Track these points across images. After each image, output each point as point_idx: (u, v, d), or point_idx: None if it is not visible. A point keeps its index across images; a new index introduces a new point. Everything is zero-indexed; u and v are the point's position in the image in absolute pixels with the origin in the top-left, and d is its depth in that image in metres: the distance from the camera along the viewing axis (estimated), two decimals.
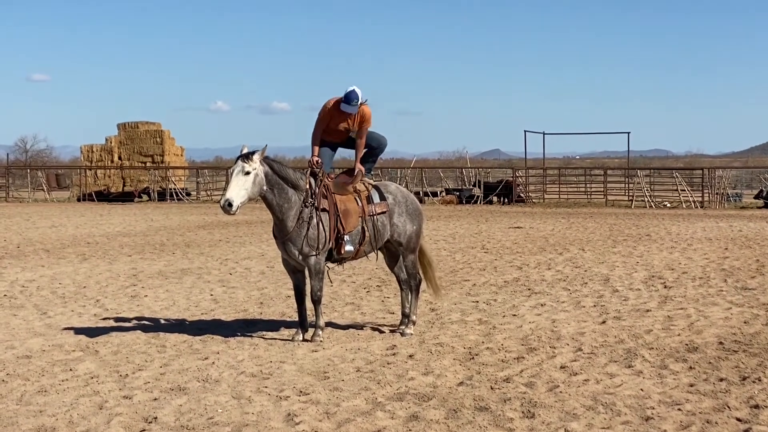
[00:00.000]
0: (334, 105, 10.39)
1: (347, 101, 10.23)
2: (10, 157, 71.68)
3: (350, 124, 10.51)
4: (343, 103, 10.25)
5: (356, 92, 10.20)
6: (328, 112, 10.44)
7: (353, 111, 10.31)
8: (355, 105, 10.24)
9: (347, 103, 10.23)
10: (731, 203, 42.93)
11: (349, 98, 10.21)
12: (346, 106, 10.26)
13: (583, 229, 26.97)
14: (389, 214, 10.51)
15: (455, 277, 15.45)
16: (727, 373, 8.57)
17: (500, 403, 7.61)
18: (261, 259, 18.48)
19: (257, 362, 9.06)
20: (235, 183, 9.55)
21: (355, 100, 10.20)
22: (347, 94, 10.21)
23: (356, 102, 10.22)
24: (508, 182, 45.42)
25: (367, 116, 10.48)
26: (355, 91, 10.20)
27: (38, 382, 8.30)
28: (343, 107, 10.29)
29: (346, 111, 10.31)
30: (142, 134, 55.34)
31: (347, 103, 10.24)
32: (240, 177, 9.57)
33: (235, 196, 9.49)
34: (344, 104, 10.26)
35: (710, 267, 16.76)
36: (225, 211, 9.51)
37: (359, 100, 10.23)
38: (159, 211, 38.28)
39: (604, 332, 10.57)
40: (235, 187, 9.54)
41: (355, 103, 10.23)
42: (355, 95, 10.19)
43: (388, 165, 62.14)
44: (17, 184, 59.45)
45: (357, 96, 10.20)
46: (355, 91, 10.20)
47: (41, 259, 18.60)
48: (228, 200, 9.45)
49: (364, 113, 10.44)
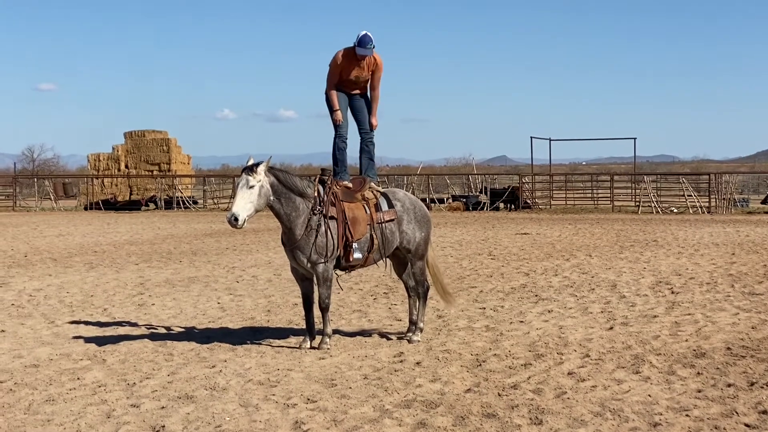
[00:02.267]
0: (345, 54, 10.62)
1: (362, 44, 10.46)
2: (17, 166, 71.81)
3: (362, 72, 10.71)
4: (358, 47, 10.47)
5: (369, 36, 10.48)
6: (340, 64, 10.65)
7: (368, 53, 10.50)
8: (370, 47, 10.48)
9: (362, 46, 10.46)
10: (738, 208, 42.84)
11: (363, 41, 10.46)
12: (362, 49, 10.47)
13: (590, 235, 26.94)
14: (398, 221, 10.52)
15: (462, 284, 15.44)
16: (735, 379, 8.55)
17: (508, 409, 7.60)
18: (268, 267, 18.49)
19: (265, 370, 9.07)
20: (240, 197, 9.62)
21: (370, 43, 10.50)
22: (361, 38, 10.48)
23: (371, 45, 10.48)
24: (514, 188, 45.39)
25: (380, 62, 10.74)
26: (368, 34, 10.48)
27: (46, 391, 8.31)
28: (358, 51, 10.48)
29: (361, 54, 10.49)
30: (149, 142, 55.38)
31: (362, 47, 10.46)
32: (245, 191, 9.62)
33: (241, 210, 9.54)
34: (359, 48, 10.47)
35: (717, 272, 16.73)
36: (231, 225, 9.58)
37: (372, 42, 10.43)
38: (166, 219, 38.32)
39: (611, 338, 10.56)
40: (240, 201, 9.59)
41: (370, 46, 10.48)
42: (369, 38, 10.49)
43: (395, 172, 62.21)
44: (24, 193, 59.54)
45: (370, 39, 10.50)
46: (368, 35, 10.48)
47: (49, 268, 18.63)
48: (233, 215, 9.50)
49: (377, 59, 10.69)
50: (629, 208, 43.43)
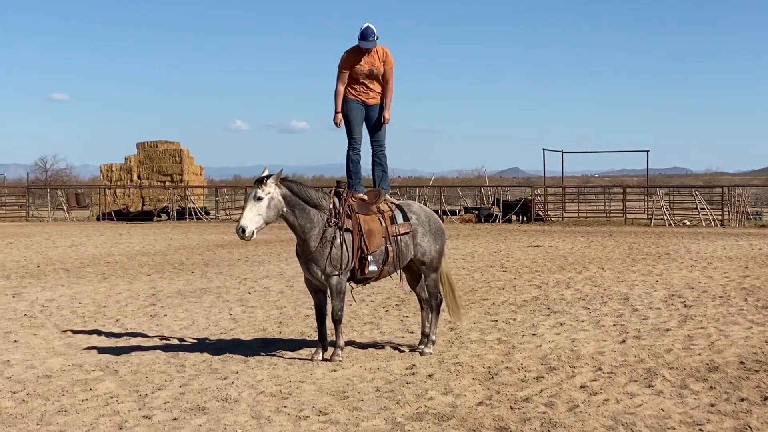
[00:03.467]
0: (351, 50, 10.66)
1: (364, 37, 10.50)
2: (30, 176, 72.07)
3: (373, 64, 10.71)
4: (361, 40, 10.51)
5: (371, 27, 10.50)
6: (347, 59, 10.72)
7: (372, 45, 10.53)
8: (372, 40, 10.50)
9: (365, 39, 10.50)
10: (751, 221, 42.74)
11: (365, 34, 10.50)
12: (365, 42, 10.52)
13: (603, 247, 26.90)
14: (413, 234, 10.52)
15: (474, 296, 15.42)
16: (749, 393, 8.52)
17: (520, 423, 7.58)
18: (280, 278, 18.50)
19: (276, 382, 9.07)
20: (249, 209, 9.66)
21: (372, 35, 10.51)
22: (363, 31, 10.52)
23: (373, 37, 10.50)
24: (526, 201, 45.35)
25: (388, 53, 10.75)
26: (370, 26, 10.52)
27: (58, 402, 8.32)
28: (361, 44, 10.54)
29: (365, 47, 10.53)
30: (162, 153, 55.52)
31: (365, 40, 10.50)
32: (253, 203, 9.67)
33: (249, 222, 9.58)
34: (362, 41, 10.52)
35: (730, 286, 16.68)
36: (240, 237, 9.64)
37: (375, 34, 10.43)
38: (178, 230, 38.40)
39: (624, 351, 10.53)
40: (249, 213, 9.63)
41: (372, 38, 10.49)
42: (371, 30, 10.52)
43: (407, 184, 62.22)
44: (37, 203, 59.79)
45: (373, 31, 10.53)
46: (370, 27, 10.52)
47: (61, 278, 18.68)
48: (241, 227, 9.55)
49: (385, 51, 10.72)
50: (642, 220, 43.36)
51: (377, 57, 10.69)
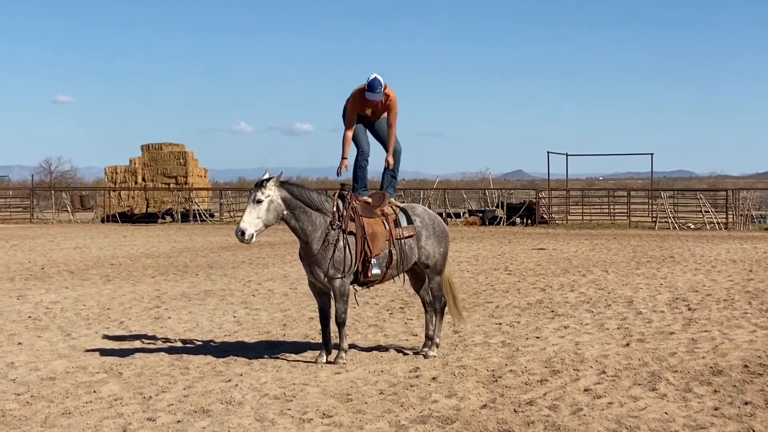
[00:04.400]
0: (360, 93, 10.61)
1: (371, 89, 10.46)
2: (34, 178, 72.08)
3: (377, 109, 10.73)
4: (368, 92, 10.48)
5: (379, 79, 10.46)
6: (355, 103, 10.67)
7: (379, 98, 10.51)
8: (379, 92, 10.47)
9: (371, 91, 10.46)
10: (756, 225, 42.68)
11: (372, 86, 10.46)
12: (371, 94, 10.48)
13: (607, 250, 26.88)
14: (416, 237, 10.53)
15: (478, 299, 15.42)
16: (753, 397, 8.51)
17: (523, 426, 7.58)
18: (284, 280, 18.51)
19: (280, 384, 9.07)
20: (248, 212, 9.71)
21: (379, 87, 10.47)
22: (370, 83, 10.46)
23: (380, 89, 10.47)
24: (531, 203, 45.33)
25: (394, 99, 10.68)
26: (378, 78, 10.46)
27: (62, 404, 8.33)
28: (368, 96, 10.51)
29: (371, 98, 10.51)
30: (166, 155, 55.57)
31: (371, 91, 10.47)
32: (252, 205, 9.71)
33: (248, 225, 9.62)
34: (369, 93, 10.49)
35: (735, 289, 16.67)
36: (240, 241, 9.69)
37: (382, 86, 10.42)
38: (182, 232, 38.41)
39: (627, 355, 10.52)
40: (248, 216, 9.68)
41: (379, 90, 10.47)
42: (378, 82, 10.46)
43: (411, 186, 62.25)
44: (42, 205, 59.82)
45: (380, 83, 10.47)
46: (377, 79, 10.46)
47: (65, 280, 18.70)
48: (240, 230, 9.59)
49: (390, 96, 10.65)
50: (646, 223, 43.33)
51: (382, 105, 10.67)
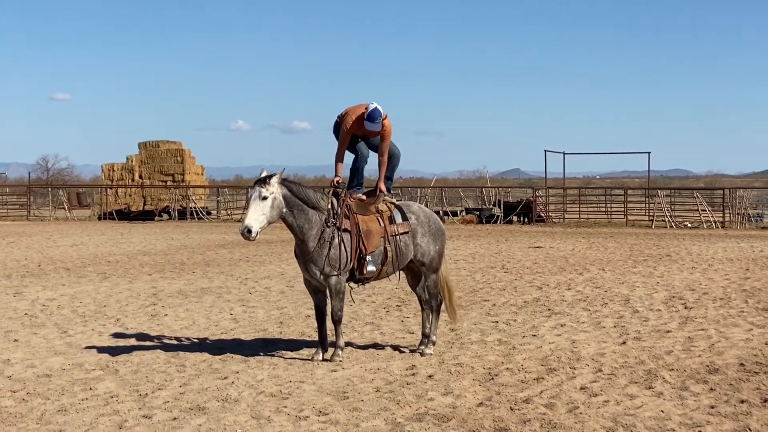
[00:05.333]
0: (358, 120, 10.45)
1: (371, 119, 10.33)
2: (31, 175, 71.99)
3: (372, 135, 10.63)
4: (367, 121, 10.34)
5: (379, 110, 10.32)
6: (352, 128, 10.51)
7: (377, 128, 10.40)
8: (378, 122, 10.35)
9: (371, 121, 10.34)
10: (752, 223, 42.69)
11: (372, 117, 10.31)
12: (371, 125, 10.36)
13: (604, 249, 26.89)
14: (412, 234, 10.52)
15: (475, 297, 15.42)
16: (749, 395, 8.52)
17: (520, 424, 7.59)
18: (281, 278, 18.50)
19: (277, 382, 9.07)
20: (253, 209, 9.62)
21: (379, 118, 10.33)
22: (371, 113, 10.29)
23: (379, 120, 10.34)
24: (528, 202, 45.34)
25: (388, 131, 10.55)
26: (378, 109, 10.32)
27: (58, 401, 8.33)
28: (367, 126, 10.38)
29: (370, 129, 10.40)
30: (163, 153, 55.51)
31: (371, 122, 10.34)
32: (258, 202, 9.63)
33: (254, 222, 9.55)
34: (368, 122, 10.35)
35: (731, 288, 16.68)
36: (245, 238, 9.59)
37: (382, 117, 10.32)
38: (179, 229, 38.39)
39: (624, 353, 10.53)
40: (254, 213, 9.60)
41: (378, 121, 10.34)
42: (379, 113, 10.31)
43: (408, 184, 62.19)
44: (39, 202, 59.73)
45: (380, 113, 10.32)
46: (378, 109, 10.31)
47: (62, 277, 18.68)
48: (247, 227, 9.51)
49: (386, 128, 10.51)
50: (643, 222, 43.33)
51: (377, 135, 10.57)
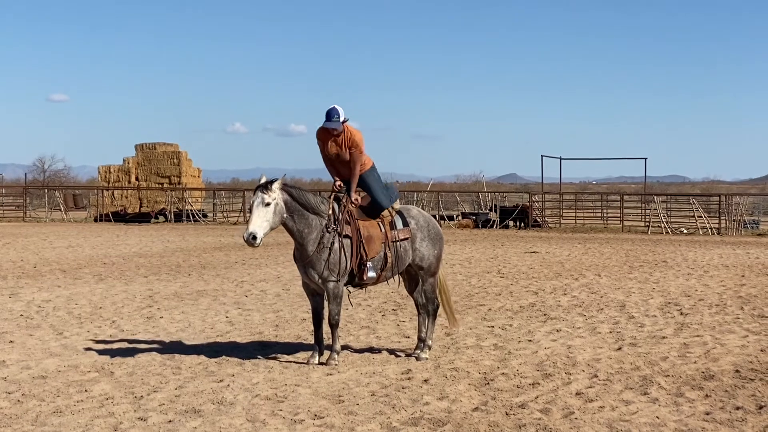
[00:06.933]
0: (320, 129, 10.40)
1: (328, 118, 10.22)
2: (27, 176, 71.97)
3: (339, 148, 10.38)
4: (326, 121, 10.24)
5: (336, 108, 10.22)
6: (319, 139, 10.48)
7: (336, 126, 10.20)
8: (336, 120, 10.19)
9: (328, 119, 10.22)
10: (748, 230, 42.74)
11: (329, 114, 10.21)
12: (328, 123, 10.22)
13: (599, 254, 26.91)
14: (411, 239, 10.52)
15: (471, 302, 15.42)
16: (744, 402, 8.53)
17: (515, 429, 7.59)
18: (277, 281, 18.50)
19: (272, 385, 9.07)
20: (257, 215, 9.60)
21: (336, 116, 10.17)
22: (328, 111, 10.23)
23: (337, 117, 10.19)
24: (524, 207, 45.35)
25: (356, 137, 10.33)
26: (336, 107, 10.22)
27: (53, 403, 8.32)
28: (325, 124, 10.26)
29: (329, 127, 10.24)
30: (160, 155, 55.45)
31: (328, 119, 10.22)
32: (261, 209, 9.62)
33: (258, 228, 9.54)
34: (326, 122, 10.24)
35: (727, 294, 16.69)
36: (249, 245, 9.54)
37: (340, 116, 10.20)
38: (175, 232, 38.36)
39: (619, 359, 10.53)
40: (258, 219, 9.58)
41: (336, 119, 10.19)
42: (336, 111, 10.19)
43: (405, 188, 62.25)
44: (35, 203, 59.65)
45: (337, 112, 10.18)
46: (335, 108, 10.22)
47: (58, 279, 18.67)
48: (252, 233, 9.49)
49: (351, 134, 10.33)
50: (639, 228, 43.36)
51: (344, 142, 10.37)
